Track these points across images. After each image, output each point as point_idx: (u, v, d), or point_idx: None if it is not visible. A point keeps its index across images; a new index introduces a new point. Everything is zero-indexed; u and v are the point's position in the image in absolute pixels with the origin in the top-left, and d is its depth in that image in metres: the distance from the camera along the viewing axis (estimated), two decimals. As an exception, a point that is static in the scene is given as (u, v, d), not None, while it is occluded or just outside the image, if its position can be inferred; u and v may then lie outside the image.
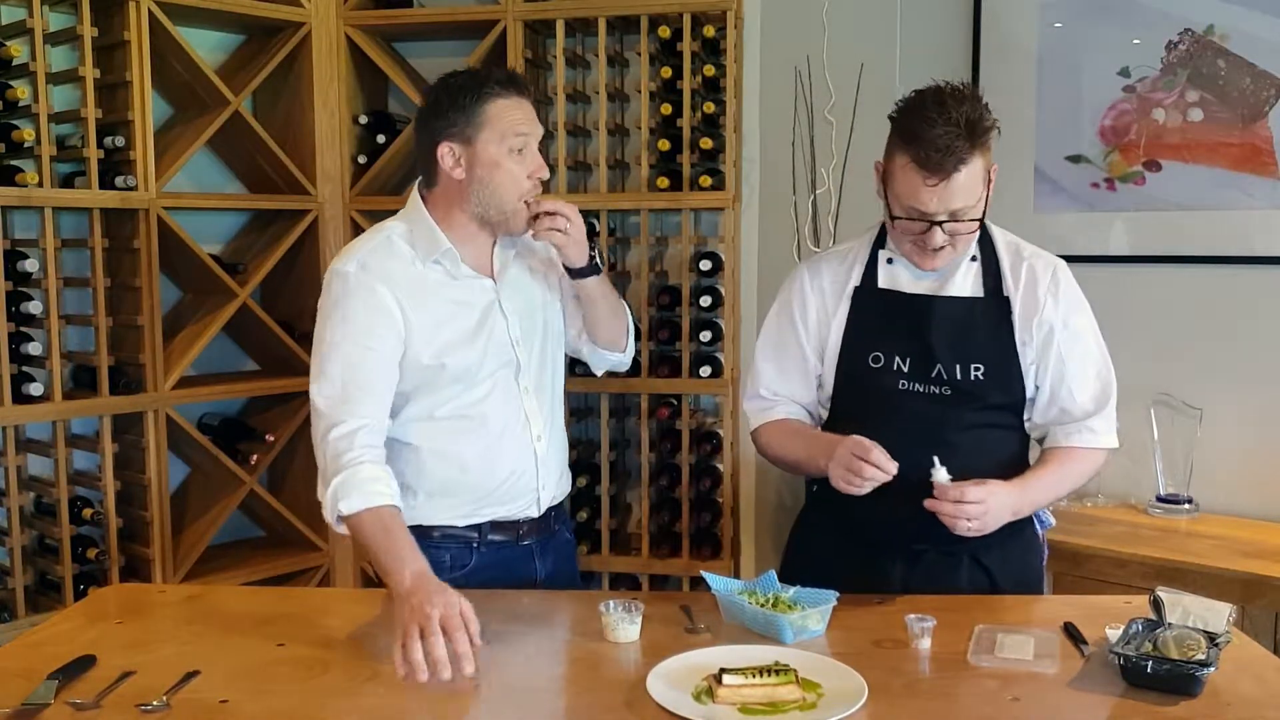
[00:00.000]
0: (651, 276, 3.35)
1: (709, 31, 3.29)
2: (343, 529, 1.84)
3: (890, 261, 2.00)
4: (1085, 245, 3.00)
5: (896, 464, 1.78)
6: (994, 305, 1.95)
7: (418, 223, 2.01)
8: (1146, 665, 1.53)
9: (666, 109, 3.25)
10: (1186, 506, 2.86)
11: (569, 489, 2.22)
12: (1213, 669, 1.52)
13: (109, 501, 3.00)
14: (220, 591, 2.12)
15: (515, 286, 2.08)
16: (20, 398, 2.83)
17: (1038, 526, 2.09)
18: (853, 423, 1.91)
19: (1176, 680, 1.52)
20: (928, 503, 1.81)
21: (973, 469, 1.86)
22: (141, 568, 3.11)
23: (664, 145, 3.26)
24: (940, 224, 1.84)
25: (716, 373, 3.32)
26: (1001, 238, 2.01)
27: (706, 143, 3.29)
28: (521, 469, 2.05)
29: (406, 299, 1.95)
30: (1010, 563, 2.01)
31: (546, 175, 2.00)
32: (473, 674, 1.59)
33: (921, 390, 1.94)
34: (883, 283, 2.00)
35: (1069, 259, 2.03)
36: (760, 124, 3.46)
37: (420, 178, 2.05)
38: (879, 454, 1.78)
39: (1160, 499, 2.89)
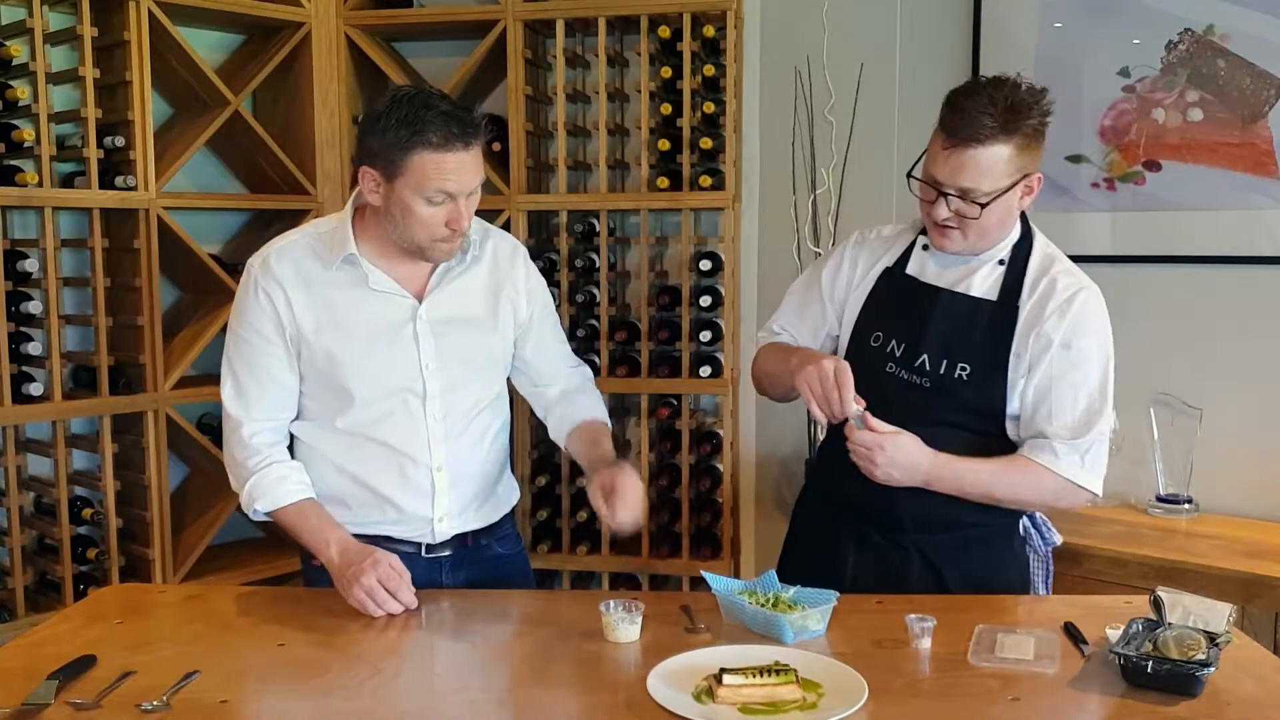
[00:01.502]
0: (651, 276, 3.35)
1: (709, 31, 3.29)
2: (261, 518, 1.98)
3: (925, 249, 2.01)
4: (1085, 245, 2.99)
5: (858, 406, 1.82)
6: (1001, 311, 1.92)
7: (336, 226, 1.97)
8: (1147, 665, 1.53)
9: (666, 109, 3.25)
10: (1186, 506, 2.86)
11: (505, 510, 2.13)
12: (1213, 669, 1.52)
13: (109, 501, 3.00)
14: (220, 591, 2.11)
15: (448, 310, 1.97)
16: (20, 398, 2.84)
17: (1031, 542, 2.05)
18: None
19: (1177, 680, 1.52)
20: (847, 434, 1.84)
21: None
22: (141, 568, 3.11)
23: (664, 145, 3.26)
24: (946, 195, 1.85)
25: (716, 373, 3.32)
26: (1040, 251, 1.97)
27: (706, 143, 3.29)
28: (413, 499, 1.98)
29: (305, 301, 1.92)
30: (966, 569, 1.97)
31: (464, 228, 1.87)
32: (415, 607, 1.80)
33: (905, 378, 1.94)
34: (910, 269, 2.01)
35: (1069, 259, 2.02)
36: (760, 124, 3.46)
37: None
38: (850, 390, 1.81)
39: (1160, 499, 2.89)
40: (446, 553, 2.04)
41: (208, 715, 1.51)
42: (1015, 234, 1.97)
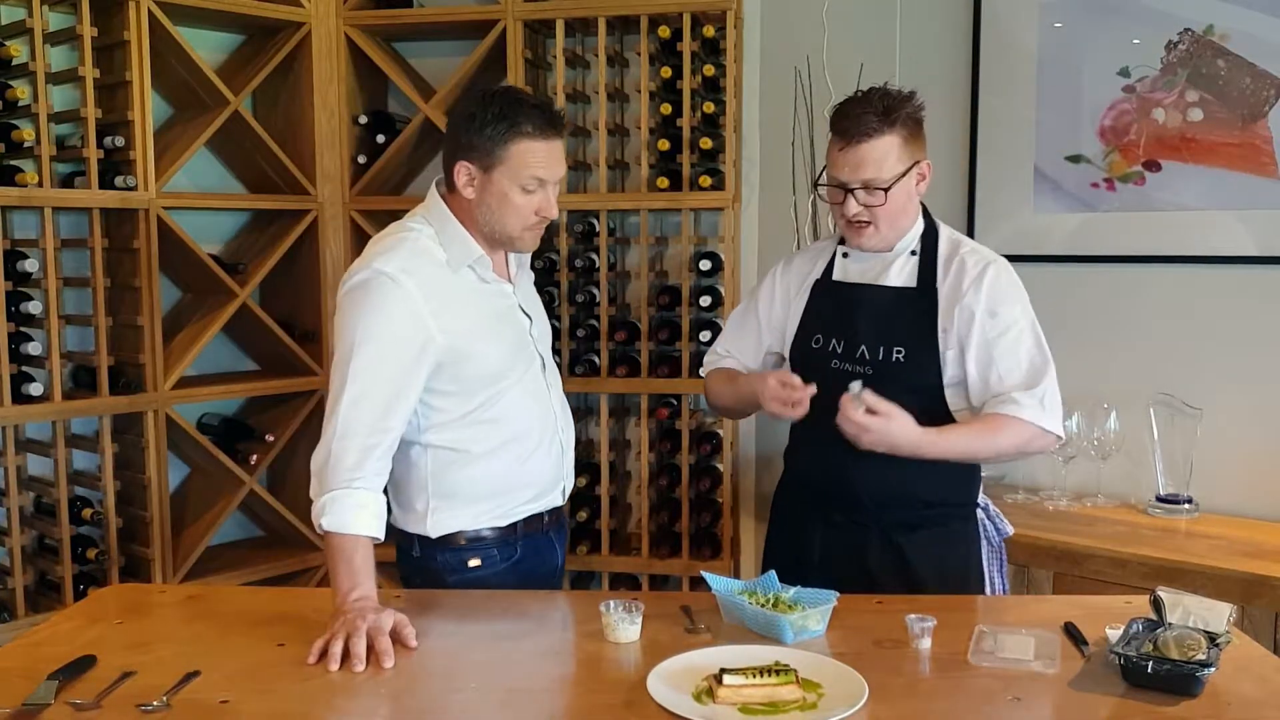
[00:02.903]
0: (651, 276, 3.35)
1: (709, 31, 3.29)
2: (321, 531, 1.94)
3: (845, 256, 2.21)
4: (1085, 245, 2.99)
5: (857, 384, 1.96)
6: (921, 295, 2.11)
7: (446, 228, 2.03)
8: (1147, 665, 1.53)
9: (666, 109, 3.25)
10: (1186, 506, 2.85)
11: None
12: (1213, 669, 1.52)
13: (109, 501, 3.00)
14: (220, 591, 2.12)
15: (526, 290, 2.20)
16: (20, 398, 2.83)
17: (986, 533, 2.20)
18: None
19: (1177, 680, 1.52)
20: (840, 417, 1.94)
21: None
22: (141, 568, 3.11)
23: (664, 145, 3.26)
24: (851, 191, 2.05)
25: (716, 373, 3.31)
26: (946, 237, 2.17)
27: (706, 143, 3.29)
28: (553, 463, 2.16)
29: (441, 307, 1.97)
30: (930, 547, 2.12)
31: (554, 216, 2.04)
32: (390, 666, 1.67)
33: (849, 369, 2.12)
34: (836, 275, 2.22)
35: (1068, 259, 2.04)
36: (760, 124, 3.46)
37: (439, 177, 2.07)
38: (797, 379, 2.00)
39: (1160, 499, 2.89)
40: (555, 526, 2.21)
41: (208, 715, 1.51)
42: (920, 226, 2.16)
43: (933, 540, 2.12)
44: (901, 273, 2.14)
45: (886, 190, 2.04)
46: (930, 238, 2.15)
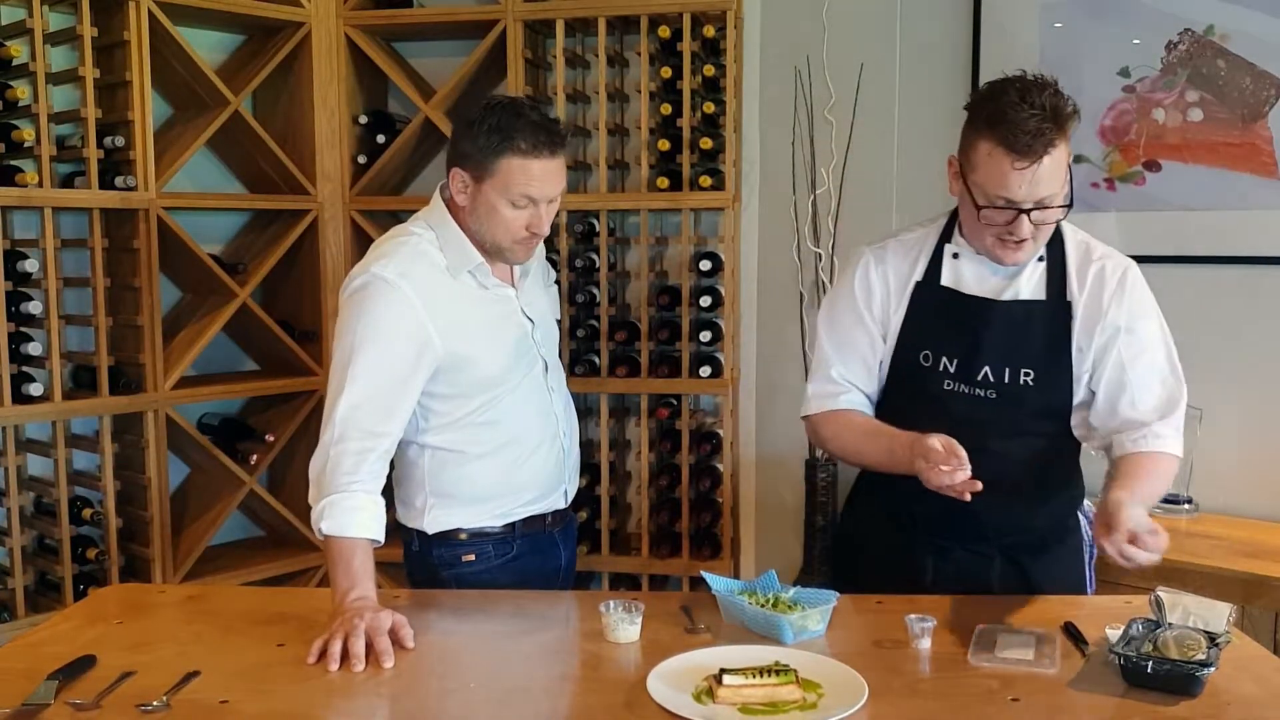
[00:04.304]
0: (651, 276, 3.35)
1: (709, 31, 3.29)
2: (321, 536, 1.94)
3: (956, 257, 1.96)
4: (1085, 245, 2.99)
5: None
6: (1055, 309, 1.91)
7: (447, 232, 2.03)
8: (1147, 665, 1.53)
9: (666, 109, 3.25)
10: (1186, 506, 2.85)
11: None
12: (1213, 669, 1.52)
13: (109, 501, 3.00)
14: (220, 591, 2.12)
15: (531, 294, 2.18)
16: (20, 398, 2.83)
17: (1084, 534, 2.09)
18: (898, 418, 1.92)
19: (1177, 680, 1.52)
20: (1110, 547, 1.66)
21: (1017, 474, 1.89)
22: (141, 568, 3.11)
23: (664, 145, 3.26)
24: (1027, 212, 1.79)
25: (716, 373, 3.32)
26: (1072, 237, 1.96)
27: (706, 143, 3.29)
28: (553, 466, 2.16)
29: (440, 311, 1.97)
30: (1050, 564, 2.01)
31: (544, 233, 2.02)
32: (389, 666, 1.66)
33: (966, 392, 1.91)
34: (945, 280, 1.96)
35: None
36: (760, 124, 3.46)
37: (444, 181, 2.07)
38: (962, 451, 1.72)
39: (1160, 499, 2.88)
40: (559, 527, 2.22)
41: (208, 715, 1.51)
42: None
43: (1054, 560, 2.01)
44: (1030, 283, 1.91)
45: (1066, 206, 1.81)
46: (1056, 239, 1.92)
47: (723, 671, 1.51)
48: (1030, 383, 1.89)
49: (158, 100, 3.22)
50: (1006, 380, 1.89)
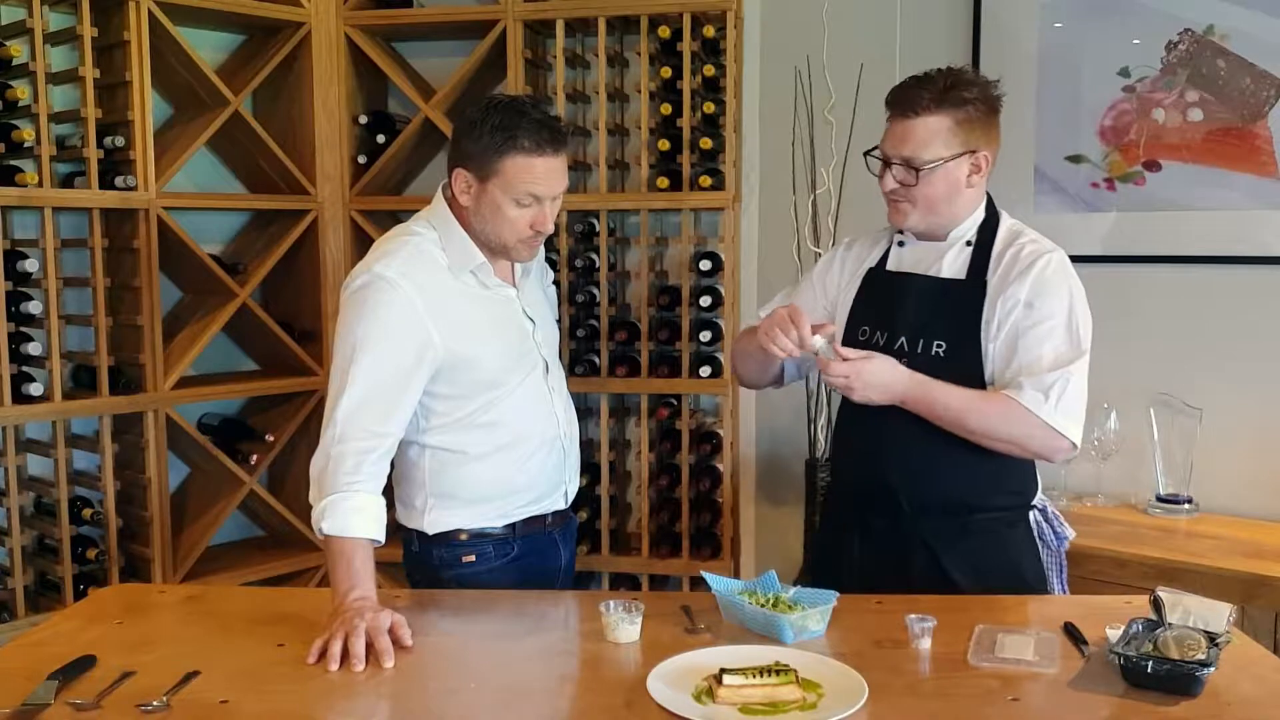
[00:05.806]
0: (651, 276, 3.35)
1: (709, 31, 3.29)
2: (322, 536, 1.93)
3: (902, 245, 2.12)
4: (1085, 245, 2.99)
5: (822, 337, 1.91)
6: (969, 287, 2.01)
7: (449, 232, 2.03)
8: (1147, 665, 1.53)
9: (666, 109, 3.25)
10: (1186, 506, 2.85)
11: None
12: (1213, 669, 1.52)
13: (109, 501, 3.00)
14: (220, 591, 2.12)
15: (532, 295, 2.18)
16: (20, 398, 2.83)
17: (1044, 536, 2.08)
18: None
19: (1177, 680, 1.52)
20: (822, 367, 1.91)
21: (935, 443, 1.95)
22: (141, 568, 3.11)
23: (664, 145, 3.26)
24: (889, 164, 1.99)
25: (716, 373, 3.32)
26: (1006, 228, 2.07)
27: (706, 143, 3.29)
28: (553, 467, 2.16)
29: (441, 311, 1.97)
30: (969, 557, 2.00)
31: (548, 231, 2.03)
32: (389, 666, 1.66)
33: None
34: (890, 264, 2.12)
35: (1069, 259, 2.02)
36: (760, 124, 3.46)
37: (446, 180, 2.08)
38: (806, 324, 1.90)
39: (1160, 499, 2.89)
40: (559, 527, 2.22)
41: (208, 715, 1.51)
42: (980, 215, 2.06)
43: (974, 550, 2.00)
44: (954, 263, 2.04)
45: (919, 171, 1.95)
46: (989, 228, 2.05)
47: (723, 671, 1.51)
48: (941, 354, 1.99)
49: (158, 100, 3.22)
50: (919, 351, 1.99)
